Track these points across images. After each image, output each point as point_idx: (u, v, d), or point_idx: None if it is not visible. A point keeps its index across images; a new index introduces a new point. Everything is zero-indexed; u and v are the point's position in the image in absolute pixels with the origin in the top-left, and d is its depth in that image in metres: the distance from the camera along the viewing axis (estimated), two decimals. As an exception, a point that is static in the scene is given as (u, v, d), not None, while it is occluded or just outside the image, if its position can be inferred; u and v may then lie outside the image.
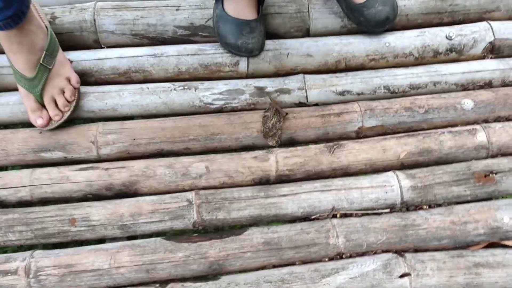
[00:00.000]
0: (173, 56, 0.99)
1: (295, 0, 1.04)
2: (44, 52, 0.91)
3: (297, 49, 1.01)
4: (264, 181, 0.92)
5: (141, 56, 0.99)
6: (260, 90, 0.98)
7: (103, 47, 1.03)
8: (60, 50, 0.95)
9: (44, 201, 0.91)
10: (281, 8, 1.03)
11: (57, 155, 0.93)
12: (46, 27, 0.94)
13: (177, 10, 1.01)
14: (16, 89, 0.94)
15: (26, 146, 0.92)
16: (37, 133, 0.93)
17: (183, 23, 1.02)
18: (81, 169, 0.91)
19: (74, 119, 0.97)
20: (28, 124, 0.95)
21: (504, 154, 0.96)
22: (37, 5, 0.98)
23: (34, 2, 0.98)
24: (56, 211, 0.88)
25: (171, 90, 0.97)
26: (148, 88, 0.97)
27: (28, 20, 0.87)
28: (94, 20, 1.00)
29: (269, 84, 0.99)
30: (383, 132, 0.98)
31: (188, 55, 1.00)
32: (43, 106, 0.93)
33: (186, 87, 0.97)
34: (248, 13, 0.97)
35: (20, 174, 0.91)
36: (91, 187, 0.90)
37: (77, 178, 0.90)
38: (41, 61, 0.90)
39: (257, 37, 0.97)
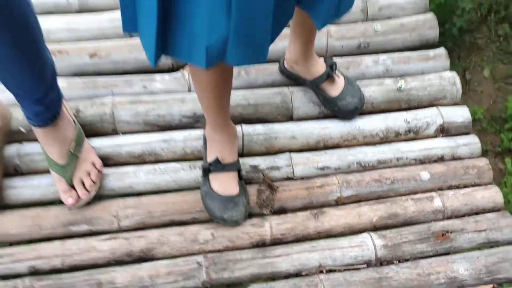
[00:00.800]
0: (180, 141, 1.25)
1: (280, 93, 1.33)
2: (74, 142, 1.13)
3: (283, 133, 1.28)
4: (261, 244, 1.16)
5: (153, 142, 1.24)
6: (254, 168, 1.24)
7: (119, 134, 1.27)
8: (85, 139, 1.19)
9: (74, 268, 1.11)
10: (270, 100, 1.31)
11: (83, 228, 1.15)
12: (74, 121, 1.17)
13: (182, 102, 1.28)
14: (45, 172, 1.17)
15: (57, 221, 1.14)
16: (66, 210, 1.15)
17: (187, 113, 1.28)
18: (105, 239, 1.13)
19: (98, 196, 1.20)
20: (57, 201, 1.17)
21: (456, 216, 1.24)
22: (65, 101, 1.22)
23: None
24: (85, 276, 1.09)
25: (179, 170, 1.22)
26: (160, 169, 1.22)
27: (60, 118, 1.10)
28: (113, 112, 1.25)
29: (262, 163, 1.25)
30: (357, 200, 1.25)
31: (192, 139, 1.25)
32: (72, 187, 1.14)
33: (192, 166, 1.22)
34: (231, 189, 1.15)
35: (52, 245, 1.12)
36: (114, 254, 1.12)
37: (102, 247, 1.12)
38: (71, 150, 1.13)
39: (240, 209, 1.14)
